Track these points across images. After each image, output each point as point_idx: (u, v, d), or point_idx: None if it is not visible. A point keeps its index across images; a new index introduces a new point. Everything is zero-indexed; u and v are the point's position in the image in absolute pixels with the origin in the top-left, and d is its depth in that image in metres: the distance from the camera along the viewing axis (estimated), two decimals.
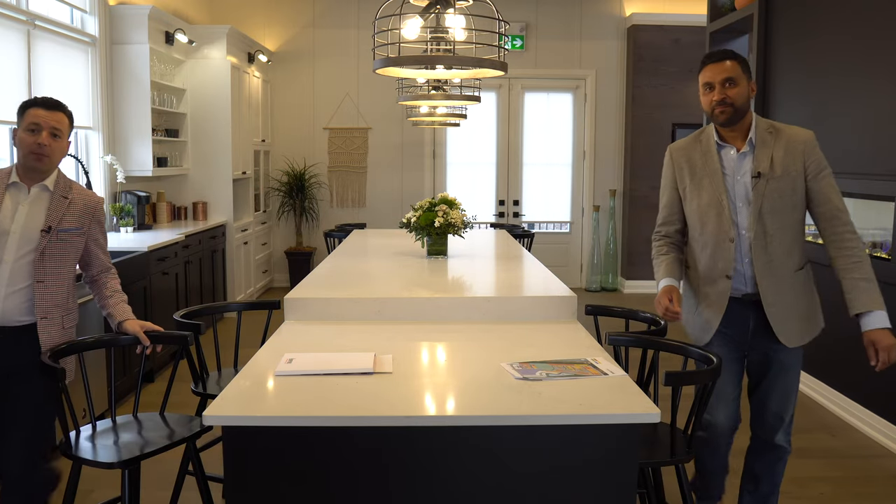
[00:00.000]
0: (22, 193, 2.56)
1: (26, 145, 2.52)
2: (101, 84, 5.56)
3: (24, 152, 2.53)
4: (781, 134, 2.61)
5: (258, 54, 7.51)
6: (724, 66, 2.57)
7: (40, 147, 2.51)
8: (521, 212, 8.48)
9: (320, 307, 2.95)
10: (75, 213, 2.64)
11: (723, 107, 2.57)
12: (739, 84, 2.56)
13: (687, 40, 7.91)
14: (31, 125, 2.52)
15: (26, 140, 2.52)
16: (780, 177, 2.57)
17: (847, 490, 3.46)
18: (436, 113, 5.97)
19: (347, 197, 8.40)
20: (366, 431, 1.95)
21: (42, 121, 2.52)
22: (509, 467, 1.98)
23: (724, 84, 2.56)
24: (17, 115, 2.58)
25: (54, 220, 2.57)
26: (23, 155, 2.54)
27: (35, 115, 2.53)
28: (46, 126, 2.53)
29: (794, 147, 2.59)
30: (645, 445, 2.47)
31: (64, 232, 2.60)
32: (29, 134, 2.52)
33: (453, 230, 3.96)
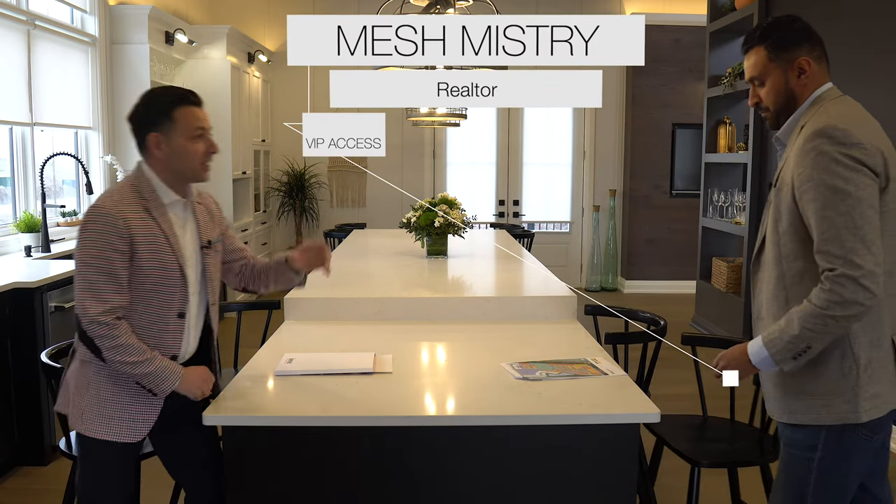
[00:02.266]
0: (179, 210, 2.10)
1: (196, 155, 2.03)
2: (101, 84, 5.56)
3: (194, 163, 2.04)
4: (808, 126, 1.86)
5: (258, 54, 7.51)
6: (748, 61, 1.97)
7: (211, 157, 2.06)
8: (521, 212, 8.48)
9: (320, 307, 2.95)
10: (215, 217, 2.25)
11: (762, 112, 2.00)
12: (768, 80, 1.93)
13: (687, 40, 7.91)
14: (196, 129, 2.01)
15: (192, 148, 2.01)
16: (779, 189, 1.90)
17: None
18: (436, 113, 5.97)
19: (347, 197, 8.40)
20: (366, 431, 1.95)
21: (205, 123, 2.04)
22: (509, 467, 1.98)
23: (754, 83, 1.97)
24: (157, 115, 1.99)
25: (209, 234, 2.16)
26: (188, 167, 2.04)
27: (195, 117, 2.02)
28: (208, 128, 2.05)
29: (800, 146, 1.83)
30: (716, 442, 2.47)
31: (217, 242, 2.20)
32: (195, 140, 2.02)
33: (453, 230, 3.96)
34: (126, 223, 1.94)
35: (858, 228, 1.70)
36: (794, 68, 1.92)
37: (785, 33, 1.93)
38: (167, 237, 2.01)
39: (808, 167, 1.76)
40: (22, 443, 3.54)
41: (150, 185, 2.03)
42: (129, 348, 1.91)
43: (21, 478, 3.46)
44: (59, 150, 5.02)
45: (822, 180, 1.73)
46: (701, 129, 6.59)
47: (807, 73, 1.93)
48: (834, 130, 1.76)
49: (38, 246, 4.44)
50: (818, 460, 1.81)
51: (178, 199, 2.07)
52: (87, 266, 1.92)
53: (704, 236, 6.48)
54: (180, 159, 2.01)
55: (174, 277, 2.02)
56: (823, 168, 1.73)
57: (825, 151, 1.74)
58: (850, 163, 1.73)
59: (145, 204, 2.00)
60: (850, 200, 1.71)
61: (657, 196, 8.06)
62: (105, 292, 1.91)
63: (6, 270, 3.77)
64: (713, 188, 6.30)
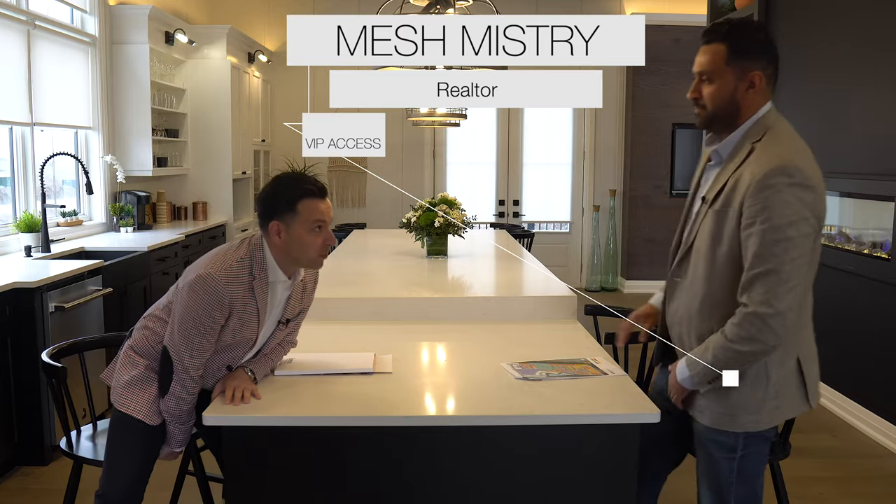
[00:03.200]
0: (280, 289, 2.20)
1: (312, 247, 2.10)
2: (101, 84, 5.56)
3: (310, 254, 2.11)
4: (757, 154, 1.87)
5: (258, 54, 7.51)
6: (703, 54, 1.94)
7: (328, 249, 2.15)
8: (521, 212, 8.48)
9: (320, 307, 2.95)
10: (306, 294, 2.33)
11: (696, 107, 1.99)
12: (717, 80, 1.91)
13: (687, 40, 7.90)
14: (316, 223, 2.08)
15: (309, 240, 2.08)
16: (721, 211, 1.91)
17: (847, 490, 3.46)
18: (436, 113, 5.97)
19: (347, 197, 8.40)
20: (366, 431, 1.95)
21: (326, 216, 2.11)
22: (509, 467, 1.98)
23: (701, 78, 1.95)
24: (282, 206, 2.08)
25: (291, 312, 2.26)
26: (304, 256, 2.12)
27: (317, 210, 2.08)
28: (328, 220, 2.12)
29: (746, 178, 1.85)
30: None
31: (293, 320, 2.30)
32: (314, 233, 2.08)
33: (453, 230, 3.96)
34: (231, 300, 2.09)
35: (786, 274, 1.78)
36: (746, 79, 1.91)
37: (749, 40, 1.92)
38: (258, 312, 2.15)
39: (761, 203, 1.79)
40: (22, 443, 3.54)
41: (263, 263, 2.14)
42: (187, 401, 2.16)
43: (21, 478, 3.46)
44: (59, 150, 5.02)
45: (771, 221, 1.77)
46: (701, 129, 6.58)
47: (755, 89, 1.93)
48: (795, 171, 1.79)
49: (38, 246, 4.44)
50: (738, 459, 1.98)
51: (284, 279, 2.18)
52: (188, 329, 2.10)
53: None
54: (298, 248, 2.11)
55: (247, 343, 2.20)
56: (776, 209, 1.77)
57: (782, 192, 1.78)
58: (802, 209, 1.78)
59: (252, 282, 2.12)
60: (789, 246, 1.77)
61: (657, 196, 8.06)
62: (198, 350, 2.11)
63: (6, 270, 3.77)
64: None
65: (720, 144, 1.98)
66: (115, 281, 4.30)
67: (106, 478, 2.23)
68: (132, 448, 2.21)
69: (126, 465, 2.21)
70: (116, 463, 2.22)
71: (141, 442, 2.21)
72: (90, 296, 3.96)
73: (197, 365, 2.13)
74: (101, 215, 5.61)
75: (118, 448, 2.23)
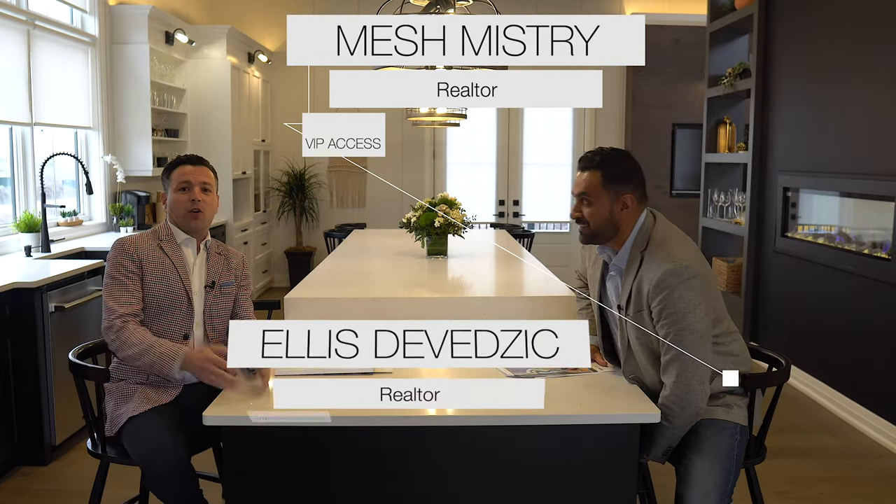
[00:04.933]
0: (192, 251, 2.55)
1: (179, 204, 2.49)
2: (101, 84, 5.56)
3: (179, 212, 2.49)
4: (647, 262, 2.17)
5: (258, 54, 7.51)
6: (581, 179, 2.24)
7: (194, 203, 2.48)
8: (521, 212, 8.48)
9: (320, 307, 2.95)
10: (232, 266, 2.62)
11: (580, 225, 2.28)
12: (595, 202, 2.21)
13: (687, 40, 7.91)
14: (182, 184, 2.49)
15: (177, 199, 2.49)
16: (634, 315, 2.21)
17: (847, 490, 3.46)
18: (436, 113, 5.97)
19: (347, 197, 8.40)
20: (366, 431, 1.95)
21: (192, 178, 2.49)
22: (509, 468, 1.98)
23: (581, 199, 2.24)
24: (164, 176, 2.55)
25: (214, 275, 2.55)
26: (179, 215, 2.50)
27: (183, 173, 2.50)
28: (196, 182, 2.50)
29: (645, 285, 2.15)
30: None
31: (225, 286, 2.57)
32: (181, 193, 2.49)
33: (453, 230, 3.96)
34: (138, 253, 2.44)
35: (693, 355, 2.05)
36: (620, 201, 2.20)
37: (618, 168, 2.23)
38: (175, 267, 2.46)
39: (660, 304, 2.09)
40: (22, 443, 3.54)
41: (166, 227, 2.54)
42: (128, 342, 2.31)
43: (21, 478, 3.46)
44: (59, 150, 5.02)
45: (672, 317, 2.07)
46: (701, 129, 6.59)
47: (629, 209, 2.21)
48: (681, 269, 2.08)
49: (38, 246, 4.44)
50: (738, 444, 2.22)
51: (186, 237, 2.52)
52: (105, 287, 2.42)
53: (704, 236, 6.48)
54: (173, 209, 2.51)
55: (181, 301, 2.45)
56: (675, 306, 2.07)
57: (675, 290, 2.07)
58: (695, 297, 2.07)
59: (160, 245, 2.49)
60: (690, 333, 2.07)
61: (657, 196, 8.06)
62: (121, 297, 2.38)
63: (6, 270, 3.77)
64: (713, 188, 6.30)
65: (616, 258, 2.26)
66: None
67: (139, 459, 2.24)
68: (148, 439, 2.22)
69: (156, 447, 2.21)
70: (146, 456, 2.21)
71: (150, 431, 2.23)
72: (90, 296, 3.96)
73: (124, 312, 2.33)
74: (101, 215, 5.61)
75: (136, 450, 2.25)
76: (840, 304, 4.48)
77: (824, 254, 4.66)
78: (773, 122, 5.35)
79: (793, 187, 5.10)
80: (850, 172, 4.38)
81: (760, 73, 5.43)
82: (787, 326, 5.14)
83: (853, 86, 4.40)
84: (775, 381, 2.36)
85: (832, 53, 4.64)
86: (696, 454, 2.16)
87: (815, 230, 5.03)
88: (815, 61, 4.83)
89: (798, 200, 5.14)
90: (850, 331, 4.38)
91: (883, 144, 4.08)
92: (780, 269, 5.22)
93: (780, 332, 5.23)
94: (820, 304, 4.72)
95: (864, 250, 4.28)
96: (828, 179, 4.66)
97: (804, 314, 4.91)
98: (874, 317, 4.11)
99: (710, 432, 2.19)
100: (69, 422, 3.73)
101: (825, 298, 4.67)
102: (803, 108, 4.98)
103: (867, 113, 4.25)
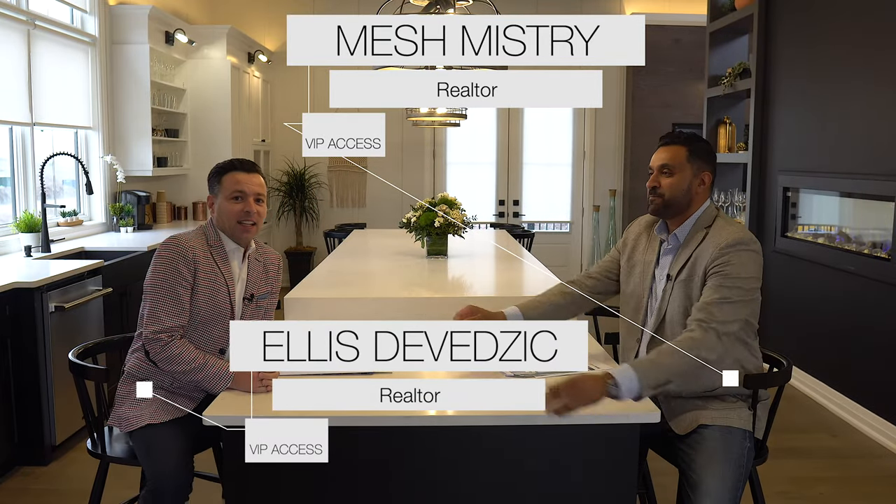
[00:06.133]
0: (238, 262, 2.44)
1: (231, 214, 2.36)
2: (101, 84, 5.56)
3: (230, 222, 2.37)
4: (713, 234, 2.26)
5: (258, 54, 7.51)
6: (666, 152, 2.34)
7: (248, 216, 2.36)
8: (521, 212, 8.48)
9: (320, 307, 2.95)
10: (269, 276, 2.54)
11: (653, 196, 2.33)
12: (677, 173, 2.29)
13: (687, 40, 7.91)
14: (234, 192, 2.35)
15: (230, 208, 2.36)
16: (685, 280, 2.26)
17: (847, 490, 3.46)
18: (436, 113, 5.97)
19: (347, 197, 8.40)
20: (366, 431, 1.95)
21: (245, 187, 2.37)
22: (509, 468, 1.98)
23: (662, 171, 2.32)
24: (212, 180, 2.41)
25: (254, 287, 2.46)
26: (230, 225, 2.38)
27: (236, 181, 2.36)
28: (251, 192, 2.37)
29: (709, 250, 2.22)
30: None
31: (261, 298, 2.48)
32: (234, 202, 2.36)
33: (453, 230, 3.96)
34: (194, 256, 2.32)
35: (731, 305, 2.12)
36: (699, 177, 2.31)
37: (703, 147, 2.34)
38: (224, 278, 2.37)
39: (724, 261, 2.16)
40: (22, 443, 3.54)
41: (214, 233, 2.41)
42: (177, 359, 2.25)
43: (21, 478, 3.46)
44: (59, 150, 5.02)
45: (731, 272, 2.15)
46: (701, 129, 6.59)
47: (705, 186, 2.33)
48: (750, 241, 2.20)
49: (38, 246, 4.44)
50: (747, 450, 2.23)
51: (235, 247, 2.42)
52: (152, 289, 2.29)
53: None
54: (223, 217, 2.38)
55: (224, 314, 2.36)
56: (737, 265, 2.15)
57: (741, 254, 2.17)
58: (756, 270, 2.17)
59: (210, 250, 2.38)
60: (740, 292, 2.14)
61: None
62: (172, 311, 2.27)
63: (6, 270, 3.77)
64: (713, 188, 6.30)
65: (678, 230, 2.33)
66: (115, 281, 4.30)
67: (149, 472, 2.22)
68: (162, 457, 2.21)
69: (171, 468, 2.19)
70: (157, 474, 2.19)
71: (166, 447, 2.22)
72: (90, 296, 3.96)
73: (172, 325, 2.25)
74: (101, 215, 5.61)
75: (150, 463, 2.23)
76: (840, 304, 4.48)
77: (824, 254, 4.66)
78: (773, 122, 5.35)
79: (793, 187, 5.10)
80: (850, 172, 4.38)
81: (760, 73, 5.43)
82: (787, 326, 5.14)
83: (853, 86, 4.40)
84: (777, 382, 2.36)
85: (832, 53, 4.64)
86: (709, 462, 2.14)
87: (815, 230, 5.03)
88: (815, 61, 4.83)
89: (798, 200, 5.14)
90: (849, 331, 4.38)
91: (883, 144, 4.08)
92: (780, 269, 5.22)
93: (781, 332, 5.22)
94: (820, 304, 4.72)
95: (864, 250, 4.28)
96: (828, 179, 4.66)
97: (804, 314, 4.91)
98: (874, 317, 4.11)
99: (721, 438, 2.18)
100: (69, 422, 3.73)
101: (825, 298, 4.67)
102: (803, 108, 4.97)
103: (867, 113, 4.25)
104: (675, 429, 2.28)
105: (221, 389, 2.21)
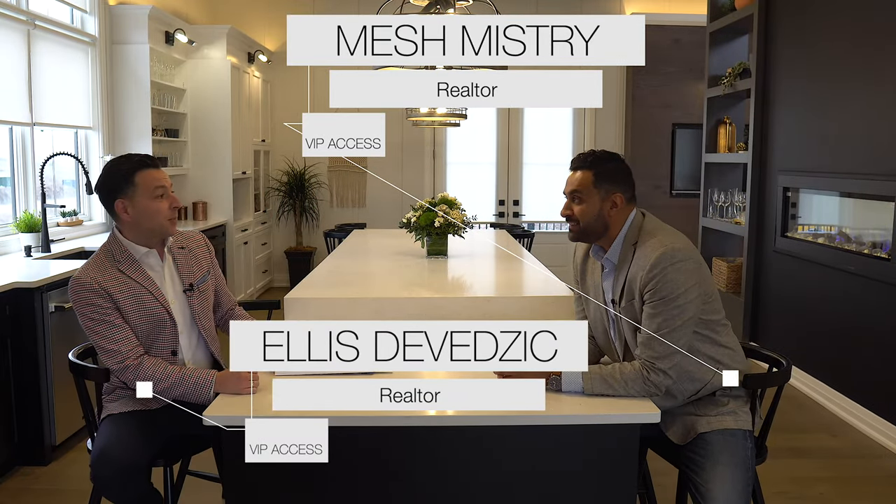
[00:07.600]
0: (156, 262, 2.37)
1: (159, 212, 2.28)
2: (101, 84, 5.56)
3: (159, 221, 2.29)
4: (639, 252, 2.19)
5: (258, 54, 7.51)
6: (574, 177, 2.29)
7: (174, 211, 2.29)
8: (521, 212, 8.48)
9: (320, 307, 2.95)
10: (199, 258, 2.49)
11: (570, 223, 2.30)
12: (586, 200, 2.24)
13: (687, 40, 7.91)
14: (157, 189, 2.27)
15: (156, 207, 2.27)
16: (626, 306, 2.22)
17: (847, 490, 3.46)
18: (436, 113, 5.97)
19: (347, 197, 8.39)
20: (366, 431, 1.95)
21: (165, 182, 2.30)
22: (509, 467, 1.98)
23: (573, 198, 2.29)
24: (120, 183, 2.26)
25: (190, 277, 2.41)
26: (157, 224, 2.30)
27: (154, 178, 2.28)
28: (168, 185, 2.31)
29: (639, 272, 2.16)
30: None
31: (201, 283, 2.44)
32: (157, 200, 2.28)
33: (453, 230, 3.96)
34: (104, 287, 2.22)
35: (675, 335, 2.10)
36: (609, 200, 2.23)
37: (609, 168, 2.25)
38: (148, 288, 2.29)
39: (653, 287, 2.10)
40: (22, 443, 3.54)
41: (120, 247, 2.30)
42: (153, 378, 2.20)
43: (21, 478, 3.46)
44: (59, 150, 5.02)
45: (663, 295, 2.10)
46: (701, 129, 6.59)
47: (618, 208, 2.24)
48: (674, 252, 2.11)
49: (38, 246, 4.44)
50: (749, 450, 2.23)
51: (147, 250, 2.32)
52: (91, 331, 2.24)
53: (704, 236, 6.48)
54: (147, 218, 2.27)
55: (163, 320, 2.30)
56: (666, 287, 2.09)
57: (667, 272, 2.09)
58: (687, 280, 2.10)
59: (119, 267, 2.27)
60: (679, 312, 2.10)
61: (657, 196, 8.06)
62: (116, 338, 2.22)
63: (6, 270, 3.77)
64: (713, 188, 6.30)
65: (608, 254, 2.27)
66: None
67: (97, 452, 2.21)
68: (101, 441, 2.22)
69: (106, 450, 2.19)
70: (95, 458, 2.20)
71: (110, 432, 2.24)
72: None
73: (130, 348, 2.21)
74: (101, 215, 5.61)
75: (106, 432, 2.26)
76: (840, 304, 4.48)
77: (824, 254, 4.65)
78: (773, 122, 5.35)
79: (793, 187, 5.10)
80: (850, 172, 4.38)
81: (760, 73, 5.43)
82: (787, 326, 5.14)
83: (853, 86, 4.40)
84: (776, 382, 2.36)
85: (832, 53, 4.64)
86: (715, 466, 2.14)
87: (814, 230, 5.03)
88: (814, 61, 4.83)
89: (798, 200, 5.14)
90: (849, 331, 4.38)
91: (883, 144, 4.08)
92: (780, 269, 5.22)
93: (780, 332, 5.22)
94: (820, 304, 4.72)
95: (864, 250, 4.28)
96: (828, 179, 4.66)
97: (804, 314, 4.91)
98: (874, 317, 4.11)
99: (723, 442, 2.18)
100: (69, 422, 3.73)
101: (825, 298, 4.67)
102: (803, 108, 4.97)
103: (867, 113, 4.25)
104: (673, 438, 2.27)
105: (207, 397, 2.18)
